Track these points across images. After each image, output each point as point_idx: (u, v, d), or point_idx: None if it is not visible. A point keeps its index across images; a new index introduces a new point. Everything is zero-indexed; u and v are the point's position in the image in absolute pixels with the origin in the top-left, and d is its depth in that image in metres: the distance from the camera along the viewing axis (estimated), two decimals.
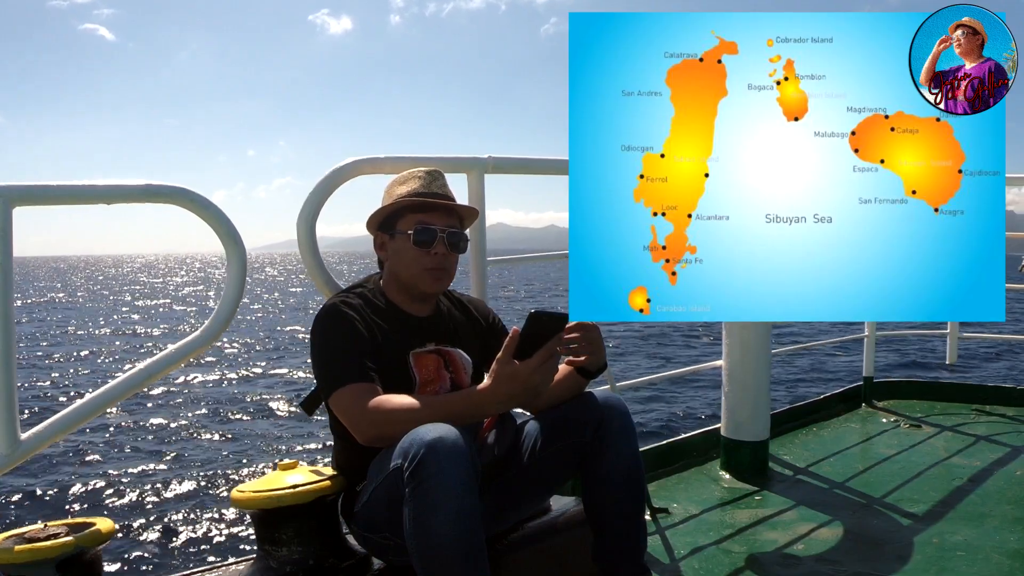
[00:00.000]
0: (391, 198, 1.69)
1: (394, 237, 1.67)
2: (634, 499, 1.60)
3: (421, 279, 1.65)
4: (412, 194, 1.67)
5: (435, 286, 1.67)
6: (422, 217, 1.65)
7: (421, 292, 1.67)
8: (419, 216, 1.65)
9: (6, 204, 1.32)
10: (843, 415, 3.81)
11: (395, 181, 1.73)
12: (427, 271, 1.65)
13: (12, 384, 1.34)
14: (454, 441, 1.29)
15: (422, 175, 1.70)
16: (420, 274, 1.65)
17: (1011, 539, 2.24)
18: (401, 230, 1.66)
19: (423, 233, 1.63)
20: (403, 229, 1.66)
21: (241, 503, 1.57)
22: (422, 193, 1.67)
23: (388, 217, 1.69)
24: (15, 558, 1.31)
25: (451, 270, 1.70)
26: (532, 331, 1.39)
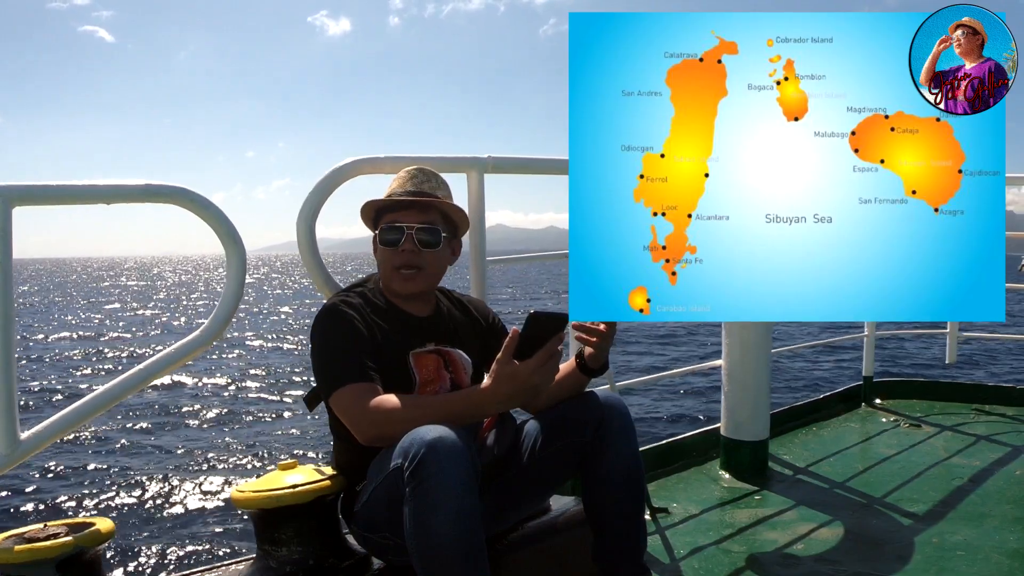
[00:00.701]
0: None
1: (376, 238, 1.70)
2: (634, 499, 1.60)
3: (393, 278, 1.65)
4: (392, 193, 1.68)
5: (406, 286, 1.65)
6: (395, 216, 1.66)
7: (395, 292, 1.67)
8: (394, 215, 1.66)
9: (6, 204, 1.31)
10: (843, 415, 3.81)
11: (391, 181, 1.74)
12: (395, 270, 1.64)
13: (12, 384, 1.34)
14: (454, 441, 1.29)
15: (405, 175, 1.71)
16: (391, 274, 1.65)
17: (1011, 539, 2.24)
18: (379, 232, 1.68)
19: (388, 232, 1.65)
20: (380, 232, 1.68)
21: (241, 503, 1.57)
22: (399, 192, 1.68)
23: (372, 219, 1.72)
24: (15, 558, 1.31)
25: (427, 268, 1.66)
26: (532, 332, 1.39)
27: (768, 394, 2.89)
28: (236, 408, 11.49)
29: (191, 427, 10.24)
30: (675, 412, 9.88)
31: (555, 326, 1.41)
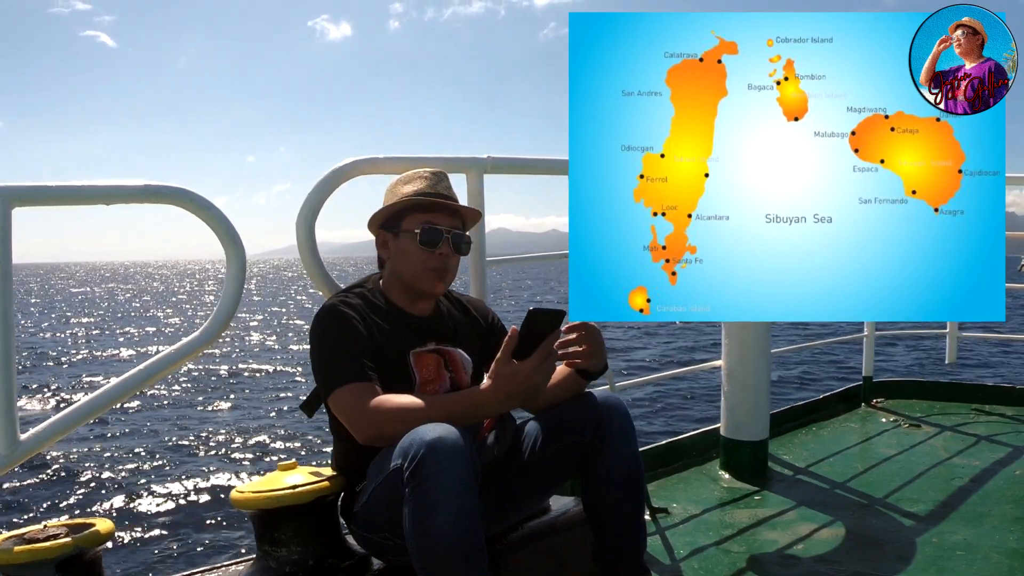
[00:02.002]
0: (395, 197, 1.68)
1: (398, 236, 1.66)
2: (634, 499, 1.60)
3: (424, 279, 1.65)
4: (418, 193, 1.66)
5: (436, 287, 1.67)
6: (428, 217, 1.64)
7: (422, 291, 1.67)
8: (425, 216, 1.65)
9: (5, 204, 1.31)
10: (843, 415, 3.81)
11: (399, 181, 1.72)
12: (431, 271, 1.65)
13: (12, 384, 1.34)
14: (454, 441, 1.29)
15: (427, 175, 1.70)
16: (423, 274, 1.65)
17: (1011, 539, 2.24)
18: (406, 229, 1.65)
19: (429, 233, 1.63)
20: (408, 228, 1.65)
21: (241, 503, 1.56)
22: (428, 193, 1.67)
23: (392, 216, 1.68)
24: (15, 559, 1.31)
25: (453, 271, 1.70)
26: (531, 328, 1.39)
27: (768, 394, 2.89)
28: (236, 408, 11.49)
29: (191, 427, 10.24)
30: (675, 412, 9.88)
31: (553, 321, 1.41)
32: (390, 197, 1.70)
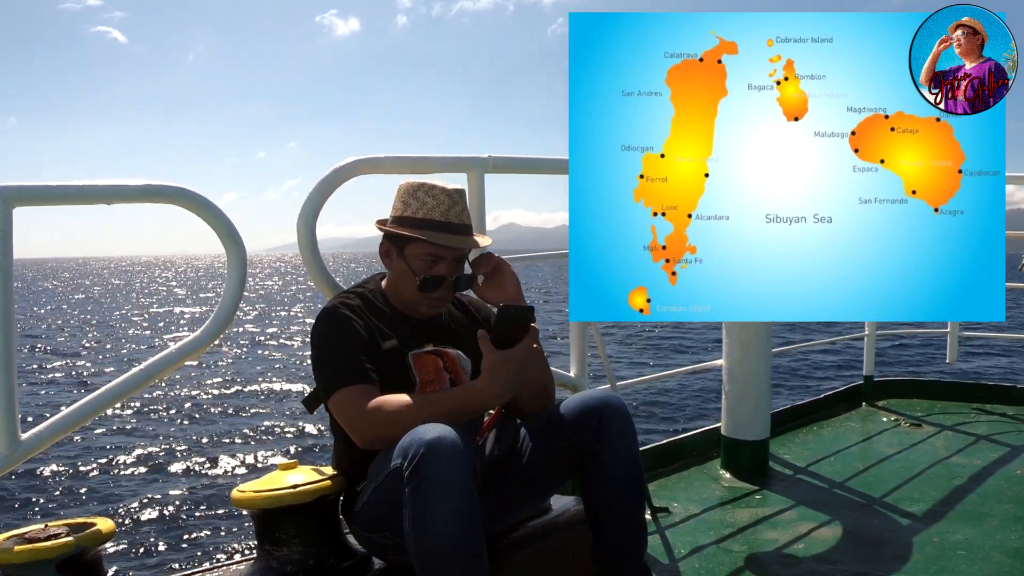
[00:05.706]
0: (406, 208, 1.61)
1: (402, 255, 1.61)
2: (634, 498, 1.60)
3: (420, 305, 1.64)
4: (429, 221, 1.58)
5: (432, 312, 1.67)
6: (434, 252, 1.57)
7: (417, 313, 1.67)
8: (430, 250, 1.58)
9: (6, 204, 1.31)
10: (843, 414, 3.81)
11: (415, 188, 1.62)
12: (427, 301, 1.63)
13: (12, 384, 1.34)
14: (453, 441, 1.29)
15: (444, 197, 1.60)
16: (421, 301, 1.63)
17: (1011, 538, 2.24)
18: (410, 256, 1.59)
19: (429, 282, 1.59)
20: (411, 257, 1.59)
21: (241, 503, 1.57)
22: (439, 223, 1.58)
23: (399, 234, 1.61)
24: (15, 558, 1.31)
25: (451, 298, 1.69)
26: (504, 323, 1.41)
27: (768, 394, 2.89)
28: (237, 408, 11.50)
29: (191, 427, 10.24)
30: (675, 412, 9.88)
31: (525, 316, 1.42)
32: (402, 205, 1.62)
